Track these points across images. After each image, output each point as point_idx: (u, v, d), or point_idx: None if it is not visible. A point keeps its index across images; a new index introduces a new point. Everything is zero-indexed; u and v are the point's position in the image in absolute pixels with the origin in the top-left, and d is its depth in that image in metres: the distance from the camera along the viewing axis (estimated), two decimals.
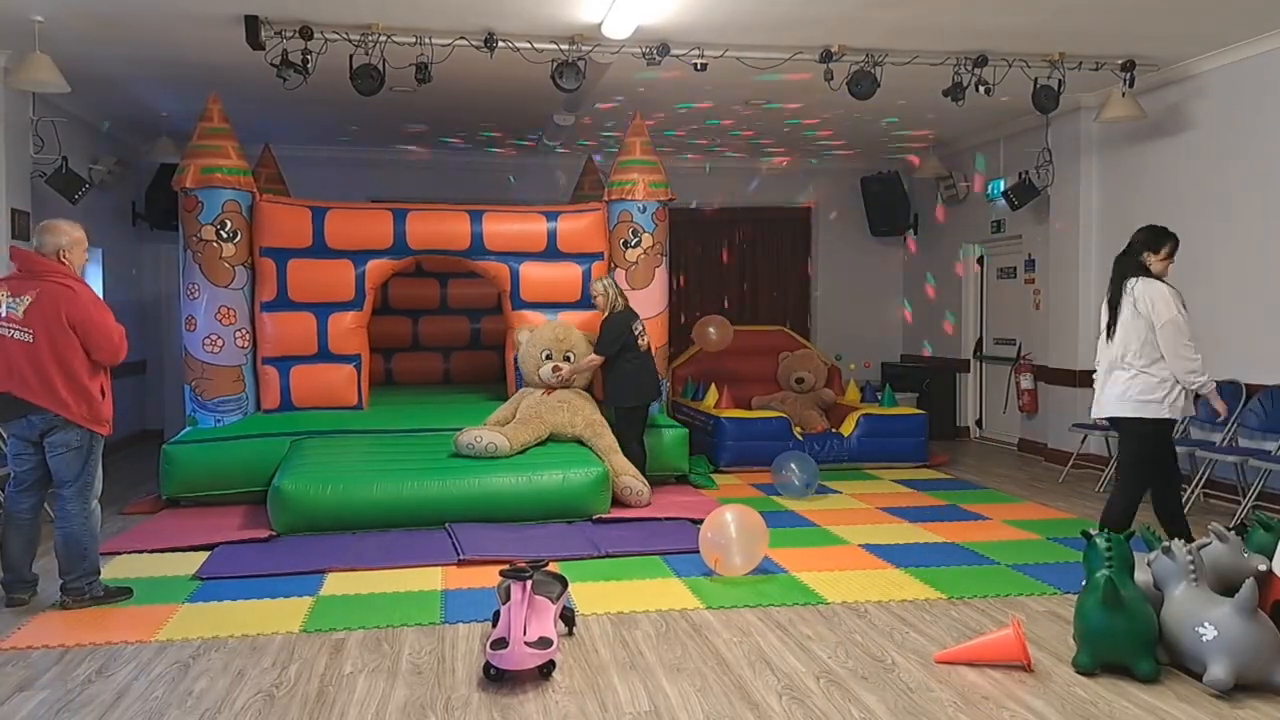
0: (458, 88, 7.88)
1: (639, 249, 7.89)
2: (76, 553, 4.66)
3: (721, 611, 4.67)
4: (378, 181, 10.73)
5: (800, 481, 7.24)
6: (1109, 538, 3.86)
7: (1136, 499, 5.02)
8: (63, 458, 4.60)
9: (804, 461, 7.37)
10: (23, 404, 4.53)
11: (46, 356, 4.50)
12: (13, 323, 4.51)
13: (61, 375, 4.52)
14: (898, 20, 6.42)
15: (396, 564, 5.44)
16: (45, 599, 4.78)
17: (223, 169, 7.20)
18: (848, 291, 12.05)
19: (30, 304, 4.52)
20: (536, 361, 7.29)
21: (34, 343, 4.50)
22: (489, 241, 7.81)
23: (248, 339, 7.37)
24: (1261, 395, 6.75)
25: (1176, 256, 5.18)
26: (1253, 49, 6.91)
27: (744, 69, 7.20)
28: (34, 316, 4.51)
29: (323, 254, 7.47)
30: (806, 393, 9.61)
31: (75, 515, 4.65)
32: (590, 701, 3.61)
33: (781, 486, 7.35)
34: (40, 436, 4.60)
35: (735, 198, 11.80)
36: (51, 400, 4.52)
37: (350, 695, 3.67)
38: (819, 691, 3.71)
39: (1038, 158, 8.85)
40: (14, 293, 4.56)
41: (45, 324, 4.50)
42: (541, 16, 6.32)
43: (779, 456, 7.50)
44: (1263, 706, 3.54)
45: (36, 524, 4.80)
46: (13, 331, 4.51)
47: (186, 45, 6.81)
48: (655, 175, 7.94)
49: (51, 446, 4.59)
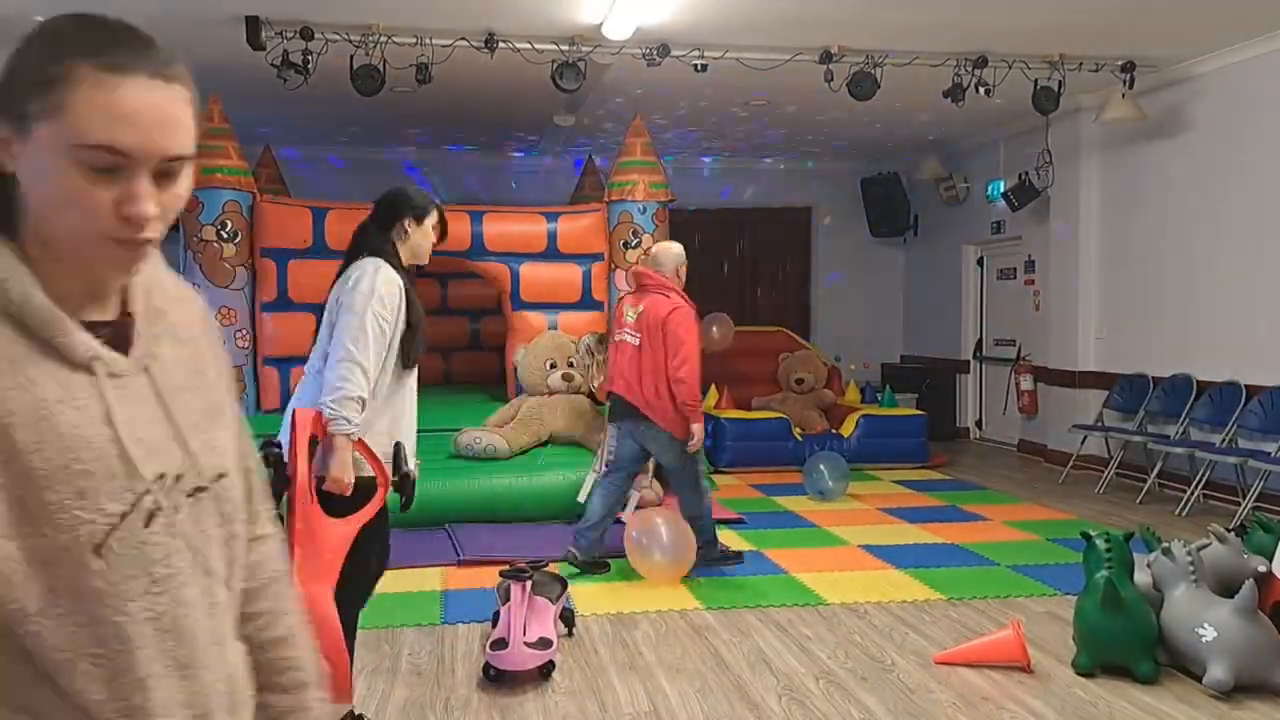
0: (458, 88, 7.88)
1: (639, 250, 7.89)
2: (694, 527, 5.15)
3: (721, 612, 4.67)
4: (378, 182, 10.69)
5: (832, 483, 7.22)
6: (1108, 539, 3.86)
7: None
8: (661, 456, 5.29)
9: (834, 462, 7.35)
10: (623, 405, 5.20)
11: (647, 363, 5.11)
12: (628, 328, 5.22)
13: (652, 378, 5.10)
14: (898, 21, 6.42)
15: (396, 564, 5.41)
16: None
17: (223, 169, 7.20)
18: (848, 292, 12.05)
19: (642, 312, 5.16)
20: (542, 372, 7.26)
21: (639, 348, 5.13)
22: (489, 242, 7.81)
23: (248, 339, 7.37)
24: (1261, 396, 6.75)
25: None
26: (1253, 50, 6.91)
27: (744, 70, 7.19)
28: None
29: (323, 254, 7.44)
30: (806, 393, 9.61)
31: (688, 501, 5.24)
32: (590, 702, 3.61)
33: (810, 487, 7.31)
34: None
35: (735, 198, 11.80)
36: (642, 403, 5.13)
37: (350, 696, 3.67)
38: (819, 692, 3.71)
39: (1038, 159, 8.86)
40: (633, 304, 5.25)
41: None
42: (542, 17, 6.32)
43: (810, 459, 7.48)
44: (1262, 707, 3.54)
45: (623, 491, 5.46)
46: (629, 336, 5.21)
47: (187, 45, 6.77)
48: (655, 176, 7.94)
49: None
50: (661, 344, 5.01)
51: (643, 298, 5.18)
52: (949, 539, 6.09)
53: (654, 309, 5.07)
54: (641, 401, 5.09)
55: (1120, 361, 8.22)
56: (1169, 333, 7.79)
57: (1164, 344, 7.84)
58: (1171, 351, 7.74)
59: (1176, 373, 7.60)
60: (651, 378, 5.04)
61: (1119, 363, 8.23)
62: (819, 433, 8.86)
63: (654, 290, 5.15)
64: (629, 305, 5.26)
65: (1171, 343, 7.76)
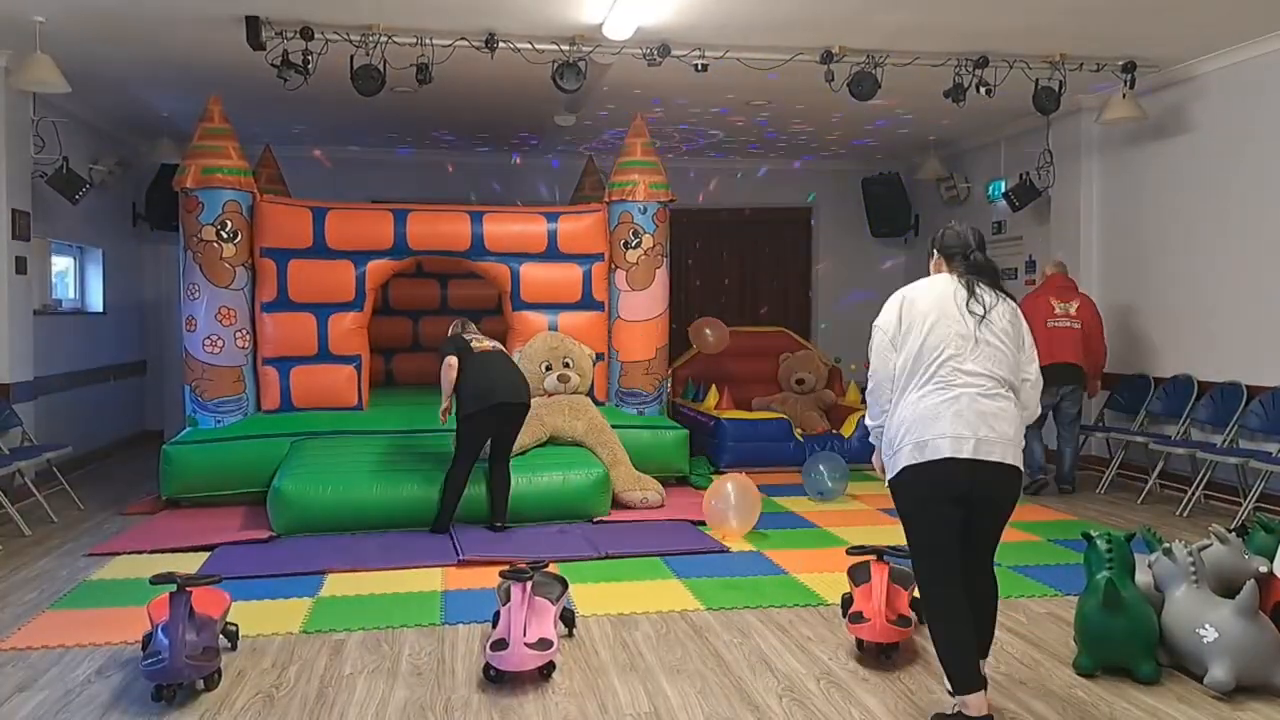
0: (458, 88, 7.88)
1: (639, 250, 7.89)
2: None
3: (721, 613, 4.67)
4: (378, 182, 10.73)
5: (831, 483, 7.22)
6: (1110, 539, 3.86)
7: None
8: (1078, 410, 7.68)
9: (834, 463, 7.35)
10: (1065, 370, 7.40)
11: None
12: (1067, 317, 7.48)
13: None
14: (898, 21, 6.42)
15: (396, 565, 5.44)
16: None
17: (223, 169, 7.20)
18: (849, 292, 12.04)
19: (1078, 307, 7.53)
20: (538, 375, 7.26)
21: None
22: (489, 242, 7.80)
23: (248, 339, 7.36)
24: (1263, 397, 6.74)
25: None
26: (1254, 50, 6.90)
27: (745, 70, 7.19)
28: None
29: (323, 254, 7.46)
30: (807, 394, 9.61)
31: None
32: (590, 703, 3.60)
33: (810, 488, 7.30)
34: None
35: (736, 198, 11.79)
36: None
37: (350, 696, 3.67)
38: (819, 693, 3.70)
39: (1039, 159, 8.85)
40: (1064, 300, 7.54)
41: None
42: (542, 17, 6.32)
43: (809, 459, 7.47)
44: (1263, 708, 3.54)
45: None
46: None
47: (187, 45, 6.81)
48: (656, 176, 7.94)
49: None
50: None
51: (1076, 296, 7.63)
52: None
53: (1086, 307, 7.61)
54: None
55: (1121, 362, 8.21)
56: (1170, 333, 7.79)
57: (1165, 344, 7.84)
58: (1173, 352, 7.74)
59: (1178, 373, 7.60)
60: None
61: (1120, 363, 8.21)
62: (820, 433, 8.85)
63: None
64: (1057, 300, 7.53)
65: (1173, 343, 7.75)
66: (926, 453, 3.20)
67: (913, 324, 3.33)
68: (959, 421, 3.19)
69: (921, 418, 3.23)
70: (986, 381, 3.26)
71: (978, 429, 3.19)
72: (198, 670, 3.58)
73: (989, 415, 3.22)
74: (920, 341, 3.30)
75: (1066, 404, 7.62)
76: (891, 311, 3.41)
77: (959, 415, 3.19)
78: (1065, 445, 7.77)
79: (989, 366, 3.28)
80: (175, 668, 3.50)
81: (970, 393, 3.23)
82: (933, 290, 3.40)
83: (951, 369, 3.25)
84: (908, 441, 3.25)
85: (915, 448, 3.23)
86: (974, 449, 3.17)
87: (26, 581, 5.21)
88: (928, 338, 3.29)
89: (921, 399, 3.26)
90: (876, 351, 3.42)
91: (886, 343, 3.39)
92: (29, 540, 6.10)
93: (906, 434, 3.26)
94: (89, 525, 6.53)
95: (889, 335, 3.38)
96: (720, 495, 6.12)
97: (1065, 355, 7.39)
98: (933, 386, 3.26)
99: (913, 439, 3.24)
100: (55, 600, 4.85)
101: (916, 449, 3.23)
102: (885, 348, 3.39)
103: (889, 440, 3.36)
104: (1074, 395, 7.57)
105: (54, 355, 8.17)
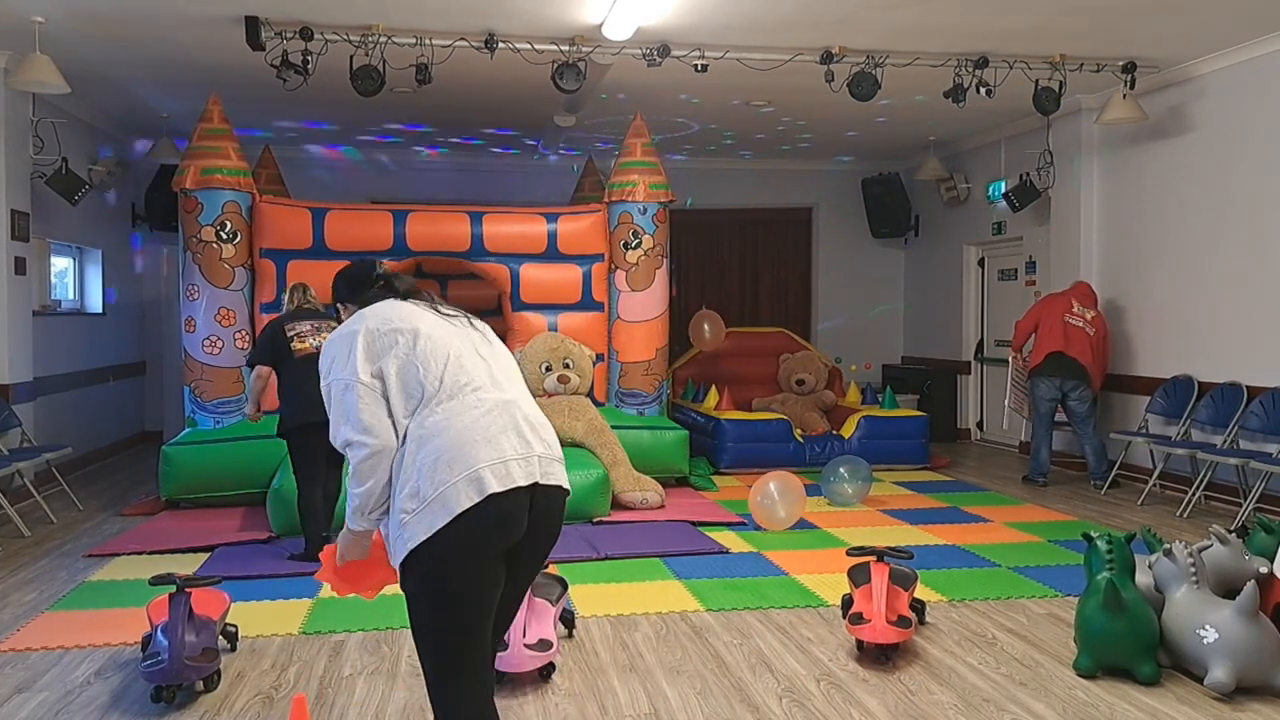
0: (458, 89, 7.88)
1: (639, 250, 7.89)
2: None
3: (721, 614, 4.66)
4: (378, 182, 10.73)
5: (852, 489, 7.17)
6: (1110, 540, 3.85)
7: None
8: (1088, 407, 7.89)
9: (856, 465, 7.26)
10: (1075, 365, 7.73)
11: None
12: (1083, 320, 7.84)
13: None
14: (898, 22, 6.42)
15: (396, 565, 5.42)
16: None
17: (223, 170, 7.19)
18: (848, 293, 12.04)
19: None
20: (538, 375, 7.25)
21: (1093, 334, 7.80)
22: (489, 243, 7.80)
23: (247, 340, 7.35)
24: (1263, 397, 6.74)
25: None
26: (1254, 51, 6.90)
27: (745, 70, 7.19)
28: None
29: (323, 255, 7.45)
30: (807, 394, 9.61)
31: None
32: (590, 704, 3.60)
33: (828, 493, 7.23)
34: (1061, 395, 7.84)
35: (736, 199, 11.79)
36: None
37: (350, 697, 3.66)
38: (819, 694, 3.70)
39: (1039, 159, 8.85)
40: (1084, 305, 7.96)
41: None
42: (542, 17, 6.31)
43: (830, 463, 7.36)
44: (1264, 709, 3.53)
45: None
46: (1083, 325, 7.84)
47: (186, 46, 6.80)
48: (656, 176, 7.93)
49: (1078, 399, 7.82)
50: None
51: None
52: (950, 540, 6.08)
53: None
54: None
55: (1121, 363, 8.21)
56: (1170, 334, 7.78)
57: (1165, 345, 7.83)
58: (1173, 353, 7.73)
59: (1178, 374, 7.59)
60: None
61: (1120, 364, 8.21)
62: (820, 434, 8.85)
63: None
64: (1078, 302, 7.90)
65: (1173, 344, 7.75)
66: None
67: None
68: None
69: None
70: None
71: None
72: (197, 671, 3.57)
73: None
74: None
75: (1074, 403, 7.85)
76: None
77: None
78: (1086, 444, 7.92)
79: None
80: (175, 669, 3.49)
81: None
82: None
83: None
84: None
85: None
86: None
87: (26, 582, 5.20)
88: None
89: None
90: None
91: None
92: (28, 541, 6.10)
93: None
94: (88, 526, 6.53)
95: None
96: (764, 492, 6.38)
97: (1075, 351, 7.75)
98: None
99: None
100: (54, 601, 4.84)
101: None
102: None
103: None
104: (1081, 393, 7.82)
105: (53, 356, 8.17)
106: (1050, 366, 7.82)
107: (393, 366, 2.41)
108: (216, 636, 3.84)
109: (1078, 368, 7.76)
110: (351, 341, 2.46)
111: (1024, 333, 8.11)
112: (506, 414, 2.43)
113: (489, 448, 2.36)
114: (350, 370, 2.41)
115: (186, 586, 3.71)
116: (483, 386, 2.45)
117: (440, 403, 2.40)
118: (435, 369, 2.42)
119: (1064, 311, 7.84)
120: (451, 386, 2.41)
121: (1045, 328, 7.90)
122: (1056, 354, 7.78)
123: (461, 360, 2.47)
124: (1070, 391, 7.81)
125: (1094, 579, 3.83)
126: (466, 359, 2.48)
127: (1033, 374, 7.98)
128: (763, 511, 6.38)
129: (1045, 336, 7.88)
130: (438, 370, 2.42)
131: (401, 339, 2.44)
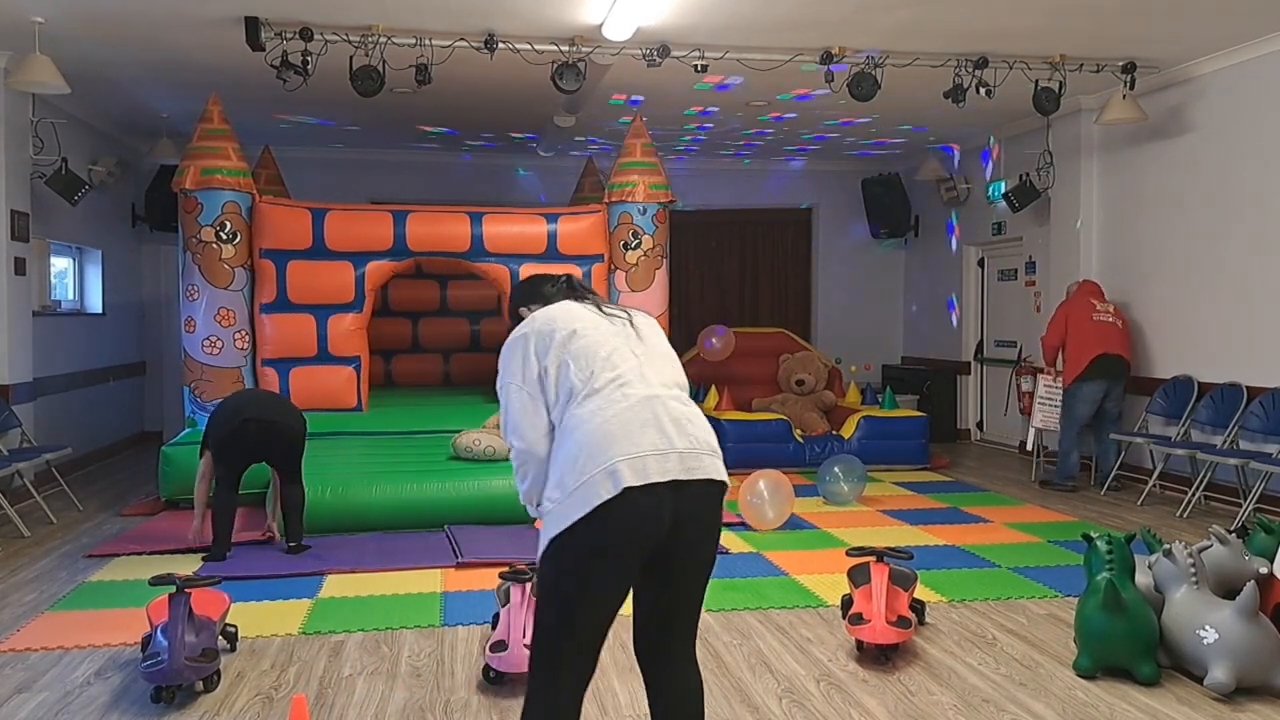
0: (458, 89, 7.88)
1: (639, 251, 7.89)
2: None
3: (721, 614, 4.66)
4: (377, 183, 10.73)
5: (848, 488, 7.20)
6: (1110, 540, 3.85)
7: None
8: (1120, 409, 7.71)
9: (850, 464, 7.31)
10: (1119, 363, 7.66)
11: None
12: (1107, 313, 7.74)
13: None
14: (898, 22, 6.42)
15: (395, 566, 5.43)
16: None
17: (222, 170, 7.20)
18: (848, 293, 12.04)
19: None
20: None
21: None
22: (489, 243, 7.80)
23: (247, 341, 7.36)
24: (1263, 398, 6.74)
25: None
26: (1254, 51, 6.90)
27: (745, 70, 7.19)
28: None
29: (322, 255, 7.46)
30: (807, 395, 9.60)
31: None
32: (590, 704, 3.59)
33: (825, 493, 7.27)
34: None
35: (736, 199, 11.79)
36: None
37: (349, 698, 3.66)
38: (819, 695, 3.70)
39: (1039, 159, 8.85)
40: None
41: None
42: (542, 18, 6.31)
43: (825, 462, 7.41)
44: (1264, 709, 3.53)
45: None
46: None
47: (186, 46, 6.80)
48: (656, 177, 7.94)
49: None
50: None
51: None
52: (950, 541, 6.08)
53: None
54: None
55: None
56: (1170, 334, 7.78)
57: (1165, 345, 7.83)
58: (1173, 353, 7.73)
59: (1178, 374, 7.59)
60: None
61: None
62: (820, 434, 8.84)
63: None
64: (1095, 300, 7.82)
65: (1173, 344, 7.75)
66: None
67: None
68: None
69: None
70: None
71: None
72: (197, 672, 3.57)
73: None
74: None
75: (1111, 404, 7.74)
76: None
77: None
78: (1109, 446, 7.80)
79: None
80: (174, 669, 3.49)
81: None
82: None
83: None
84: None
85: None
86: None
87: (26, 583, 5.20)
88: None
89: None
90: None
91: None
92: (28, 541, 6.10)
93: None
94: (88, 526, 6.53)
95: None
96: (754, 491, 6.41)
97: (1113, 346, 7.63)
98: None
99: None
100: (54, 601, 4.84)
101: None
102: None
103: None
104: (1117, 394, 7.72)
105: (53, 356, 8.17)
106: (1097, 370, 7.62)
107: (553, 363, 2.51)
108: (216, 637, 3.85)
109: (1121, 364, 7.65)
110: (517, 345, 2.58)
111: (1053, 348, 7.92)
112: (649, 409, 2.45)
113: (627, 442, 2.38)
114: (511, 372, 2.55)
115: (186, 587, 3.71)
116: (629, 382, 2.48)
117: (588, 397, 2.45)
118: (587, 365, 2.49)
119: (1089, 313, 7.71)
120: (600, 382, 2.47)
121: (1077, 334, 7.69)
122: (1101, 357, 7.60)
123: (613, 357, 2.52)
124: (1112, 392, 7.68)
125: (1094, 579, 3.83)
126: (618, 356, 2.53)
127: (1078, 380, 7.69)
128: (752, 511, 6.40)
129: (1082, 343, 7.66)
130: (589, 366, 2.49)
131: (559, 335, 2.52)
